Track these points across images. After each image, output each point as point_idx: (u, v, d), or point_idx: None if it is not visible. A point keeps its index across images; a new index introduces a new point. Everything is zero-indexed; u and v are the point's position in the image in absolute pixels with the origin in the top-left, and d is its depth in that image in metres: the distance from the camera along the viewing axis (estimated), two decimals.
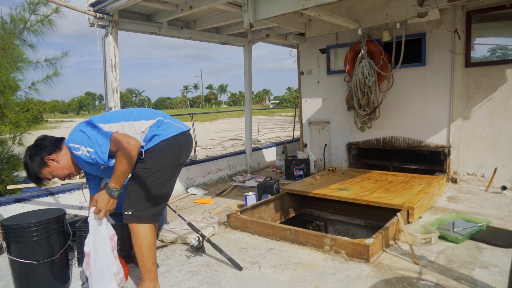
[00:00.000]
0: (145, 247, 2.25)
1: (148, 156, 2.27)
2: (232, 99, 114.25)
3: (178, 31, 5.02)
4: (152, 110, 2.48)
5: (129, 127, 2.29)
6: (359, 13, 4.51)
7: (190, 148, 2.51)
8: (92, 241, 2.17)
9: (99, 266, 2.17)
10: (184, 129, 2.43)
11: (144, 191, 2.27)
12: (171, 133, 2.33)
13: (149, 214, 2.28)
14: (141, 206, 2.26)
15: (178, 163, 2.39)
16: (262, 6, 3.32)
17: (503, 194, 4.20)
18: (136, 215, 2.24)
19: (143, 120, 2.32)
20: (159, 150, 2.27)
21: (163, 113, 2.49)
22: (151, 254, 2.27)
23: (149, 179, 2.26)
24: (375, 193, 3.82)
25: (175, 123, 2.44)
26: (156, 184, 2.28)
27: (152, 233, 2.30)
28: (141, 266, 2.27)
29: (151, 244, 2.27)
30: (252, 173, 6.31)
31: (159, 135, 2.30)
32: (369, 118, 5.09)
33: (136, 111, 2.42)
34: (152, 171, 2.26)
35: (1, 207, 3.34)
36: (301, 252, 2.83)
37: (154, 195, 2.29)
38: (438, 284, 2.26)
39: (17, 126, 4.90)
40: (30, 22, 4.79)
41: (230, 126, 25.85)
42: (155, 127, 2.31)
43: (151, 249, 2.27)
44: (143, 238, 2.25)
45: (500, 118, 4.40)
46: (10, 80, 4.58)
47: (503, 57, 4.41)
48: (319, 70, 5.98)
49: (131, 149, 2.12)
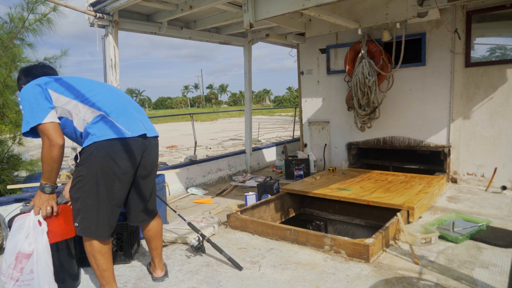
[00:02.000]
0: (95, 260, 2.12)
1: (81, 159, 2.05)
2: (233, 99, 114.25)
3: (178, 31, 5.02)
4: (116, 98, 2.21)
5: (75, 108, 2.07)
6: (359, 13, 4.51)
7: (136, 157, 2.14)
8: (34, 241, 2.04)
9: (42, 267, 2.05)
10: (129, 135, 2.09)
11: (84, 203, 2.05)
12: (105, 135, 2.02)
13: (97, 230, 2.07)
14: (85, 219, 2.06)
15: (112, 172, 2.05)
16: (262, 6, 3.32)
17: (503, 194, 4.20)
18: (82, 227, 2.07)
19: (92, 108, 2.08)
20: (89, 154, 2.02)
21: (123, 106, 2.18)
22: (101, 262, 2.13)
23: (84, 188, 2.04)
24: (375, 193, 3.82)
25: (118, 124, 2.08)
26: (92, 196, 2.04)
27: (100, 245, 2.11)
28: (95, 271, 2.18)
29: (100, 259, 2.12)
30: (252, 173, 6.31)
31: (93, 134, 2.03)
32: (369, 118, 5.09)
33: (96, 91, 2.16)
34: (85, 179, 2.03)
35: (1, 207, 3.34)
36: (301, 252, 2.83)
37: (94, 209, 2.06)
38: (438, 284, 2.26)
39: (17, 126, 4.89)
40: (29, 21, 4.78)
41: (230, 126, 25.84)
42: (92, 123, 2.05)
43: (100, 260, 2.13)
44: (90, 255, 2.12)
45: (500, 118, 4.40)
46: (9, 80, 4.58)
47: (503, 57, 4.41)
48: (319, 70, 5.98)
49: (48, 150, 1.97)
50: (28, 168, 5.08)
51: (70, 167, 8.78)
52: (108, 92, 2.23)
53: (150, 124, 2.32)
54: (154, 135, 2.30)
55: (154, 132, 2.31)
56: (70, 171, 7.78)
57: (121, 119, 2.13)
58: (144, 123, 2.26)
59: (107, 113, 2.10)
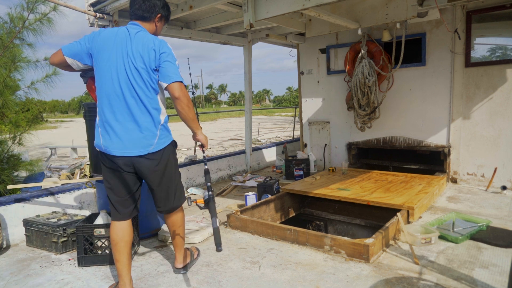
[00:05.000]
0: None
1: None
2: (232, 99, 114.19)
3: (178, 31, 5.02)
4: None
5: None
6: (359, 13, 4.51)
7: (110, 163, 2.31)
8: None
9: None
10: (102, 148, 2.27)
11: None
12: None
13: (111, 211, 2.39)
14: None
15: (105, 167, 2.33)
16: (262, 6, 3.32)
17: (503, 194, 4.20)
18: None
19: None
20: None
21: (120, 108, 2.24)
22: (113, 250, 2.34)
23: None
24: (375, 193, 3.82)
25: (107, 133, 2.25)
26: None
27: (112, 230, 2.36)
28: None
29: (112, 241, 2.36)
30: (252, 173, 6.31)
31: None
32: (369, 118, 5.09)
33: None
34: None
35: (1, 207, 3.34)
36: (301, 252, 2.83)
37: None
38: (438, 284, 2.26)
39: (17, 126, 4.90)
40: (29, 21, 4.78)
41: (230, 126, 25.84)
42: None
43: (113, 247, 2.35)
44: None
45: (500, 118, 4.39)
46: (9, 80, 4.58)
47: (503, 57, 4.41)
48: (319, 70, 5.98)
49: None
50: (28, 168, 5.09)
51: (70, 167, 8.78)
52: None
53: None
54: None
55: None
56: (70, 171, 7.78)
57: (115, 129, 2.41)
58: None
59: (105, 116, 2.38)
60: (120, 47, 2.20)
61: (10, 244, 3.35)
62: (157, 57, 2.19)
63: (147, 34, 2.27)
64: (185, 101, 2.21)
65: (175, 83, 2.18)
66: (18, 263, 2.92)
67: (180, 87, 2.19)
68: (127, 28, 2.27)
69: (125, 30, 2.26)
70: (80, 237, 2.79)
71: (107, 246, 2.81)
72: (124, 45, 2.20)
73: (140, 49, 2.18)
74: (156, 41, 2.23)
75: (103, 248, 2.83)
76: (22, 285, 2.54)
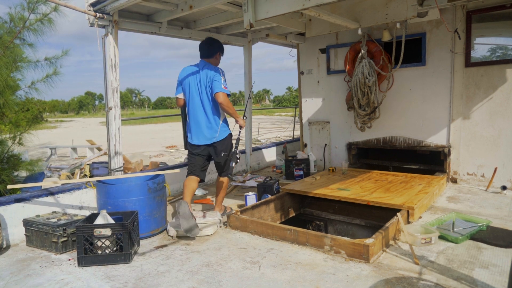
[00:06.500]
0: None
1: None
2: (232, 99, 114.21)
3: (178, 31, 5.01)
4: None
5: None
6: (359, 13, 4.51)
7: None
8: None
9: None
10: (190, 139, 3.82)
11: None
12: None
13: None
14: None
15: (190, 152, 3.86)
16: (262, 6, 3.32)
17: (503, 194, 4.20)
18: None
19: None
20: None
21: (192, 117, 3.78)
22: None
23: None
24: (375, 193, 3.82)
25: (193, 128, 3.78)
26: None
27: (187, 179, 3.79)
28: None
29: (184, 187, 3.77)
30: (252, 173, 6.31)
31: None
32: (369, 118, 5.09)
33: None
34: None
35: (1, 207, 3.33)
36: (301, 252, 2.83)
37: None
38: (438, 284, 2.26)
39: (17, 126, 4.90)
40: (29, 21, 4.78)
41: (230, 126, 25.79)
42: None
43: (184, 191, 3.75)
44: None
45: (500, 118, 4.40)
46: (9, 79, 4.58)
47: (503, 57, 4.41)
48: (319, 70, 5.98)
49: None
50: (28, 168, 5.08)
51: (70, 167, 8.78)
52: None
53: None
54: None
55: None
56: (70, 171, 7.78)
57: (194, 126, 3.92)
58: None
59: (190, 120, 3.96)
60: (197, 78, 3.66)
61: (10, 244, 3.35)
62: (210, 80, 3.57)
63: (209, 66, 3.65)
64: (225, 103, 3.54)
65: (217, 93, 3.51)
66: (18, 263, 2.92)
67: (221, 96, 3.50)
68: (198, 65, 3.70)
69: (197, 67, 3.70)
70: (80, 237, 2.79)
71: (107, 246, 2.82)
72: (198, 76, 3.65)
73: (205, 78, 3.60)
74: (212, 71, 3.59)
75: (103, 248, 2.83)
76: (22, 285, 2.54)
